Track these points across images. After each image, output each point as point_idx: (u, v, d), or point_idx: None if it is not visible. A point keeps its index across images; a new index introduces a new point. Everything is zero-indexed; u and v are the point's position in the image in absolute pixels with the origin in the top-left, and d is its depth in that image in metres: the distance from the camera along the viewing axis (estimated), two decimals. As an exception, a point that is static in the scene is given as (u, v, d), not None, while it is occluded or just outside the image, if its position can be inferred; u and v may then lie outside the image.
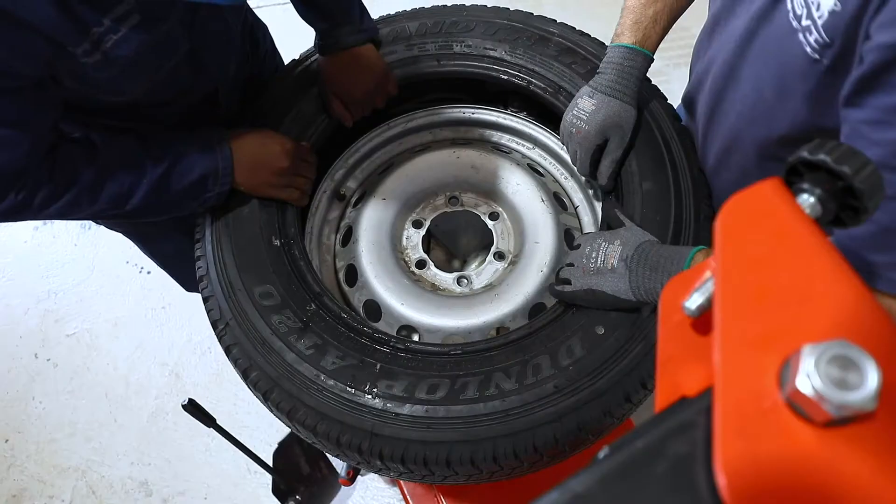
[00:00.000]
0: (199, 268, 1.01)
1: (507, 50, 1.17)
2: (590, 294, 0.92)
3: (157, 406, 2.02)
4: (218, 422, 1.14)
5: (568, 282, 0.94)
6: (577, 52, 1.15)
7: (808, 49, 0.72)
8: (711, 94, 0.99)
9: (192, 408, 1.08)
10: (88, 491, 1.92)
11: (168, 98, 1.01)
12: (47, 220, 2.34)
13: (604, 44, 1.15)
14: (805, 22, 0.71)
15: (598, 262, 0.91)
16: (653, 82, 1.13)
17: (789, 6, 0.74)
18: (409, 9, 1.25)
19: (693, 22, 1.20)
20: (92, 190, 0.90)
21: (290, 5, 1.09)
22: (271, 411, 0.93)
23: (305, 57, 1.21)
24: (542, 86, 1.15)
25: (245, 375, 0.92)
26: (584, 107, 1.01)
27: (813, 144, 0.44)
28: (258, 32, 1.29)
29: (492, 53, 1.17)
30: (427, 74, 1.20)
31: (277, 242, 1.01)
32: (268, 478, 1.39)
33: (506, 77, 1.17)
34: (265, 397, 0.90)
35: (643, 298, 0.87)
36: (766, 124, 0.87)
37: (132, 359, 2.10)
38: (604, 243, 0.93)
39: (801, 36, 0.72)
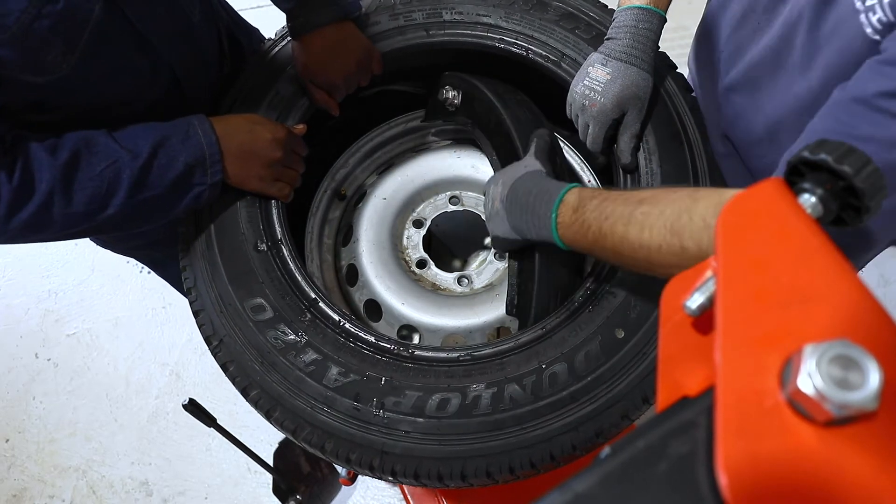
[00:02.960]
0: (185, 279, 0.95)
1: (502, 16, 1.08)
2: (494, 240, 0.95)
3: (157, 406, 2.02)
4: (218, 421, 1.14)
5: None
6: (580, 16, 1.07)
7: (869, 30, 0.70)
8: (747, 82, 0.95)
9: (193, 407, 1.08)
10: (89, 491, 1.92)
11: (127, 89, 0.93)
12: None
13: (608, 7, 1.08)
14: (869, 2, 0.69)
15: (489, 206, 0.93)
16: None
17: None
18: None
19: (692, 21, 1.20)
20: (64, 184, 0.82)
21: (290, 6, 1.08)
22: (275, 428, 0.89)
23: (282, 36, 1.11)
24: (543, 53, 1.06)
25: (245, 393, 0.87)
26: (598, 76, 0.92)
27: (814, 144, 0.44)
28: (239, 33, 1.22)
29: (486, 20, 1.08)
30: (415, 47, 1.09)
31: (264, 247, 0.94)
32: (268, 477, 1.39)
33: (502, 45, 1.07)
34: (267, 416, 0.86)
35: (528, 237, 0.86)
36: (815, 112, 0.79)
37: (132, 359, 2.10)
38: (492, 186, 0.94)
39: (863, 17, 0.70)
